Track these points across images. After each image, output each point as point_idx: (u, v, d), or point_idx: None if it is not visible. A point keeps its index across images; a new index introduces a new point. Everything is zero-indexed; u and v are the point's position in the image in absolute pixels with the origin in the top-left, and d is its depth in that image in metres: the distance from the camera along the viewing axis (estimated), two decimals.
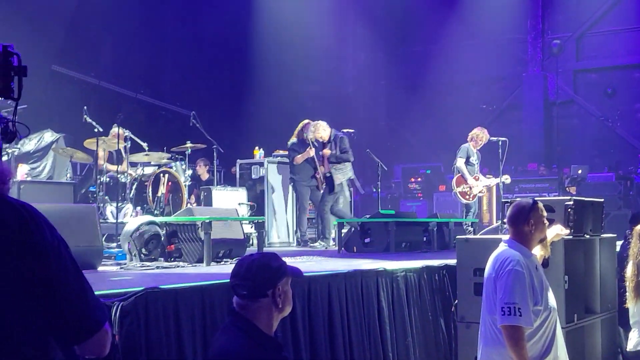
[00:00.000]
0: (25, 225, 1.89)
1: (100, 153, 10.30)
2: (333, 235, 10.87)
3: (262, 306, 3.23)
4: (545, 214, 4.74)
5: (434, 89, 19.78)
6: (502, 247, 4.64)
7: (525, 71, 19.76)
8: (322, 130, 11.04)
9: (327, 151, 10.97)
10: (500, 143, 12.30)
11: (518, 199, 5.16)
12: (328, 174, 10.91)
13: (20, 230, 1.87)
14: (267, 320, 3.25)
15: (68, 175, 11.40)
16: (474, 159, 12.05)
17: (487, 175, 12.50)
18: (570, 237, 5.59)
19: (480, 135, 12.04)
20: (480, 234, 9.46)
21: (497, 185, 12.71)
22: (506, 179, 12.40)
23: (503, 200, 7.57)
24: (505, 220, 5.03)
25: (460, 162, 11.97)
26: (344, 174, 11.03)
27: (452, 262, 6.53)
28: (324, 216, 10.90)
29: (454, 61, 19.46)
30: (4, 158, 2.92)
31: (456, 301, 6.09)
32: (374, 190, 16.56)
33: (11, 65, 2.95)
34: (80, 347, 2.02)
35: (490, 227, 11.15)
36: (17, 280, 1.84)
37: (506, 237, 4.73)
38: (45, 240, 1.91)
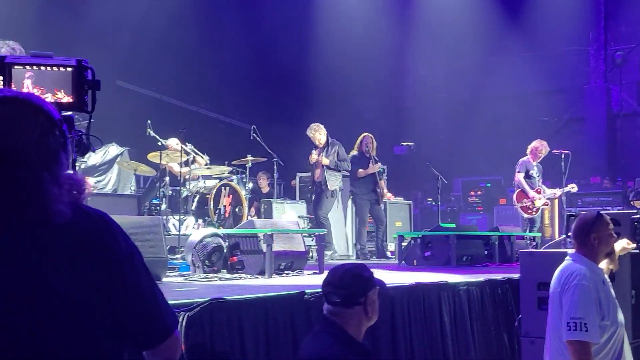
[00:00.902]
0: (100, 233, 1.93)
1: (164, 162, 10.47)
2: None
3: (353, 314, 3.41)
4: (611, 226, 4.65)
5: (494, 101, 19.60)
6: (568, 261, 4.57)
7: (587, 83, 19.44)
8: (323, 134, 11.08)
9: (326, 160, 10.95)
10: (562, 156, 12.13)
11: (582, 212, 5.09)
12: (320, 180, 10.94)
13: (96, 237, 1.92)
14: (356, 328, 3.42)
15: (132, 188, 11.63)
16: (534, 172, 11.85)
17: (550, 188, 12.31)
18: (637, 251, 5.48)
19: (539, 147, 11.85)
20: (544, 248, 9.31)
21: (560, 198, 12.50)
22: (572, 187, 12.19)
23: (567, 214, 7.45)
24: (570, 233, 4.96)
25: (519, 177, 11.79)
26: (337, 181, 11.04)
27: (515, 276, 6.45)
28: (324, 223, 10.91)
29: (514, 73, 19.25)
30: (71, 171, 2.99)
31: (520, 316, 6.01)
32: (434, 203, 16.48)
33: (85, 79, 3.02)
34: (151, 352, 2.05)
35: (554, 241, 10.97)
36: (93, 287, 1.88)
37: (571, 250, 4.66)
38: (120, 247, 1.95)
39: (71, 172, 2.06)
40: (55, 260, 1.85)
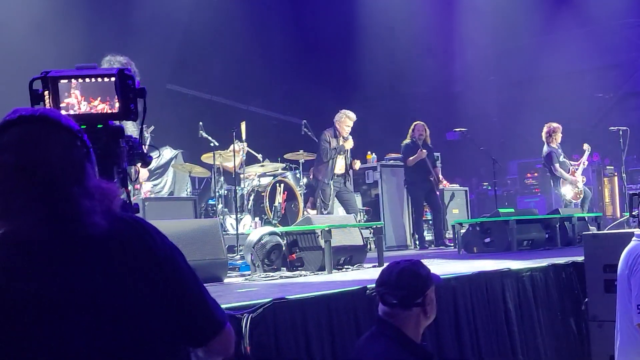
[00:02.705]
0: (138, 238, 1.95)
1: (218, 162, 10.53)
2: None
3: (412, 315, 3.25)
4: None
5: (546, 80, 19.24)
6: (634, 242, 4.46)
7: None
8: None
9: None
10: (620, 132, 11.87)
11: None
12: (344, 172, 10.67)
13: (134, 243, 1.93)
14: (415, 329, 3.27)
15: (188, 190, 11.74)
16: (562, 157, 11.61)
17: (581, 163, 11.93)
18: None
19: (554, 130, 11.56)
20: (608, 229, 9.12)
21: (620, 176, 12.24)
22: (586, 148, 11.90)
23: (630, 192, 7.28)
24: (635, 212, 4.84)
25: (558, 168, 11.48)
26: None
27: (579, 259, 6.33)
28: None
29: (566, 51, 18.86)
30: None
31: (586, 299, 5.90)
32: (490, 188, 16.29)
33: (130, 87, 3.04)
34: (207, 346, 2.06)
35: (617, 221, 10.75)
36: (139, 292, 1.89)
37: (639, 231, 4.54)
38: (159, 249, 1.96)
39: (114, 181, 2.07)
40: (97, 271, 1.86)
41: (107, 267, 1.87)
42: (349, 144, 10.60)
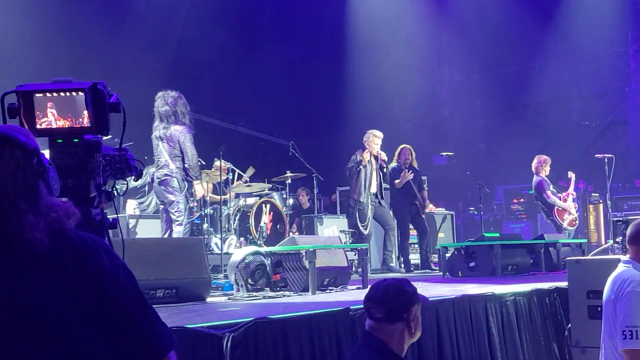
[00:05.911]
0: (81, 258, 1.93)
1: (204, 185, 10.51)
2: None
3: (396, 329, 3.37)
4: None
5: (533, 107, 19.40)
6: (622, 267, 4.45)
7: (629, 85, 19.10)
8: None
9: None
10: (605, 160, 11.96)
11: (631, 217, 4.96)
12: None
13: (75, 262, 1.91)
14: (399, 344, 3.38)
15: None
16: (552, 187, 11.80)
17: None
18: None
19: (545, 161, 11.79)
20: (592, 255, 9.14)
21: (605, 203, 12.34)
22: (570, 174, 12.29)
23: (615, 219, 7.31)
24: (619, 239, 4.85)
25: (552, 197, 11.67)
26: None
27: (563, 284, 6.34)
28: None
29: (553, 78, 19.03)
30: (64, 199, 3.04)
31: (569, 325, 5.89)
32: (476, 213, 16.29)
33: (103, 101, 3.03)
34: None
35: (601, 247, 10.78)
36: (76, 312, 1.87)
37: (625, 257, 4.54)
38: (100, 269, 1.94)
39: (64, 199, 2.06)
40: (30, 287, 1.84)
41: (42, 283, 1.85)
42: (384, 156, 10.97)
